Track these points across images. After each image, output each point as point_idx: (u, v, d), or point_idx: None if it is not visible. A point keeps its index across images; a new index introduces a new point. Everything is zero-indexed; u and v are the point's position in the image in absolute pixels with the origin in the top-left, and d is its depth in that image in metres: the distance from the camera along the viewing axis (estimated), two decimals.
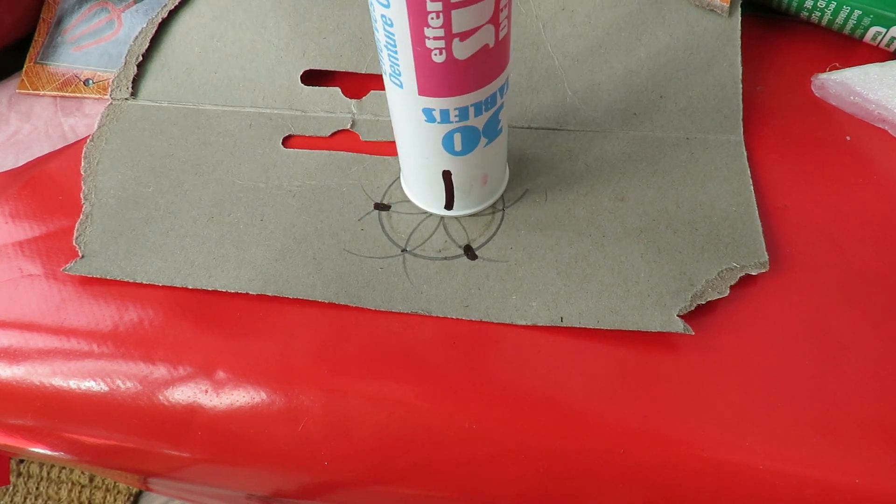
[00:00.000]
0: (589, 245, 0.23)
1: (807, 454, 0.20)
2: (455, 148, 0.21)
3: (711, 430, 0.21)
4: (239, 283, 0.23)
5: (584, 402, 0.21)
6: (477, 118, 0.20)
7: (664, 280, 0.22)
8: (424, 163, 0.22)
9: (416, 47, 0.17)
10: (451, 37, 0.17)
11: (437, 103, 0.19)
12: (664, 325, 0.21)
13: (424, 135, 0.20)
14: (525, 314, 0.22)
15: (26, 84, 0.28)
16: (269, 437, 0.22)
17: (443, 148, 0.21)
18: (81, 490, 0.81)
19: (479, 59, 0.18)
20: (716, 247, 0.23)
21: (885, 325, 0.22)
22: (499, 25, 0.18)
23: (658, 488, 0.21)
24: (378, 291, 0.23)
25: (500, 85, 0.20)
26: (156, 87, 0.28)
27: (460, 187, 0.23)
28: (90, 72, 0.29)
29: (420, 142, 0.21)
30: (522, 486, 0.21)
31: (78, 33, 0.30)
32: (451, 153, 0.21)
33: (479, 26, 0.17)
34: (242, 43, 0.28)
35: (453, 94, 0.19)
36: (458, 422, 0.21)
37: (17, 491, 0.81)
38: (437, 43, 0.17)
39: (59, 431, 0.23)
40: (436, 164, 0.22)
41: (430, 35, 0.17)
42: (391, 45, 0.18)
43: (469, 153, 0.21)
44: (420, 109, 0.19)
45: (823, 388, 0.21)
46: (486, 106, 0.20)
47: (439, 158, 0.21)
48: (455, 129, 0.20)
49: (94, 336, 0.23)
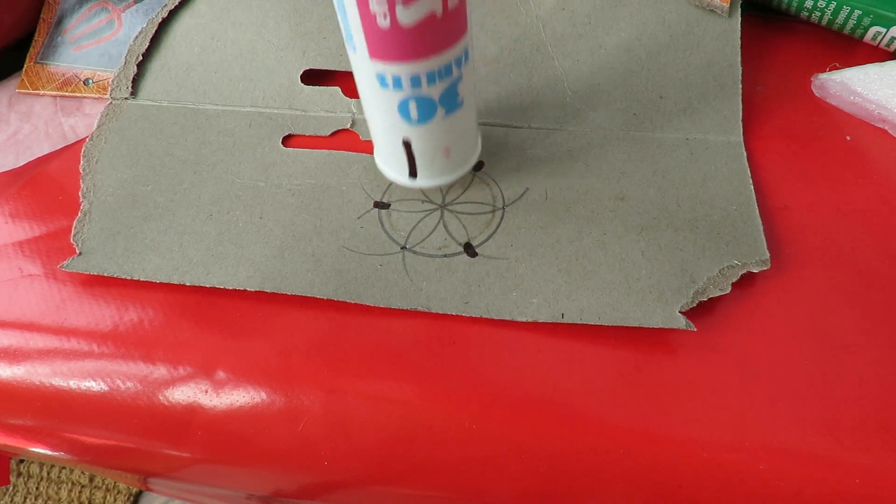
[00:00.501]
0: (590, 243, 0.23)
1: (807, 454, 0.20)
2: (412, 116, 0.21)
3: (711, 430, 0.21)
4: (237, 279, 0.23)
5: (584, 402, 0.21)
6: (431, 87, 0.20)
7: (665, 277, 0.22)
8: (386, 130, 0.22)
9: (361, 9, 0.18)
10: (393, 1, 0.17)
11: (387, 69, 0.20)
12: (666, 321, 0.21)
13: (382, 101, 0.21)
14: (526, 311, 0.22)
15: (26, 84, 0.28)
16: (269, 437, 0.22)
17: (399, 115, 0.21)
18: (81, 490, 0.81)
19: (427, 26, 0.19)
20: (717, 245, 0.23)
21: (885, 325, 0.22)
22: None
23: (658, 488, 0.21)
24: (377, 288, 0.23)
25: (457, 56, 0.20)
26: (156, 87, 0.28)
27: (422, 157, 0.23)
28: (90, 71, 0.29)
29: (380, 109, 0.21)
30: (522, 486, 0.21)
31: (78, 33, 0.30)
32: (408, 121, 0.21)
33: None
34: (242, 43, 0.28)
35: (403, 60, 0.19)
36: (458, 422, 0.21)
37: (17, 491, 0.81)
38: (380, 7, 0.18)
39: (59, 431, 0.23)
40: (396, 132, 0.22)
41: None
42: (341, 5, 0.18)
43: (426, 123, 0.21)
44: (374, 74, 0.20)
45: (823, 387, 0.21)
46: (439, 76, 0.20)
47: (398, 126, 0.22)
48: (409, 97, 0.20)
49: (94, 336, 0.23)
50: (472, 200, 0.24)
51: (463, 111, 0.22)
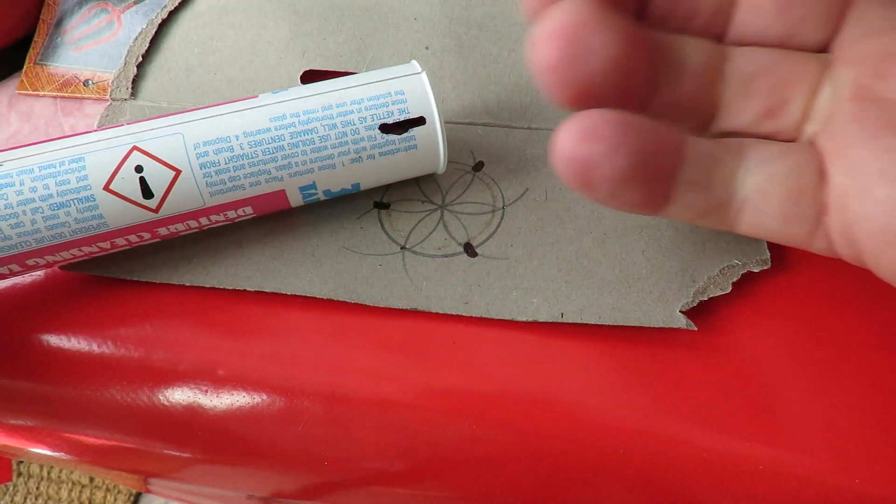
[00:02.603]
0: (590, 242, 0.23)
1: (807, 454, 0.20)
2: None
3: (711, 430, 0.21)
4: (237, 280, 0.23)
5: (584, 402, 0.21)
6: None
7: (666, 276, 0.22)
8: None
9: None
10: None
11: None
12: (667, 320, 0.21)
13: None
14: (526, 310, 0.22)
15: (26, 85, 0.28)
16: (269, 437, 0.22)
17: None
18: (81, 490, 0.81)
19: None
20: (717, 244, 0.23)
21: (885, 325, 0.22)
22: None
23: (658, 488, 0.21)
24: (377, 288, 0.23)
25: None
26: (155, 88, 0.28)
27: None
28: (90, 72, 0.29)
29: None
30: (522, 486, 0.21)
31: (78, 34, 0.30)
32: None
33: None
34: (242, 44, 0.28)
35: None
36: (457, 422, 0.21)
37: (18, 491, 0.81)
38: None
39: (59, 431, 0.23)
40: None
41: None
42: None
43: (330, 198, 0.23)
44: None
45: (823, 387, 0.21)
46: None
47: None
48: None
49: (93, 336, 0.23)
50: (472, 201, 0.24)
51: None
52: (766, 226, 0.19)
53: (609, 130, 0.17)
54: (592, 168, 0.17)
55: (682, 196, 0.19)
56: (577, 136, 0.17)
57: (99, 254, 0.22)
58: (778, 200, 0.18)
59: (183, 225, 0.22)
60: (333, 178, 0.22)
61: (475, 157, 0.25)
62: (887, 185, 0.16)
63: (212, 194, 0.21)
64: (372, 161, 0.22)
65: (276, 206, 0.23)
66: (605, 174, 0.17)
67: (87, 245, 0.21)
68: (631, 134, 0.17)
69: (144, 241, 0.22)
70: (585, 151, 0.17)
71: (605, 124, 0.17)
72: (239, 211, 0.22)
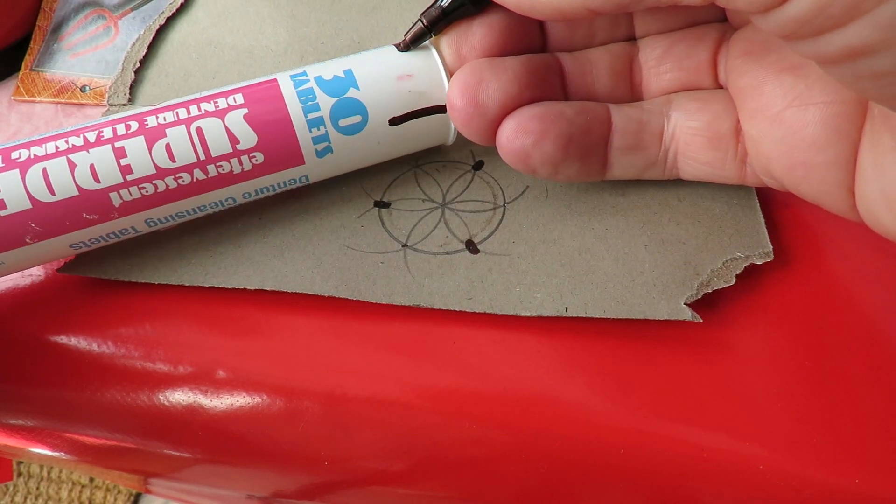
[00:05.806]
0: (592, 238, 0.23)
1: (807, 454, 0.20)
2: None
3: (712, 430, 0.21)
4: (237, 279, 0.23)
5: (584, 402, 0.21)
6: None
7: (669, 270, 0.22)
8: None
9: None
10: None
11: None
12: (671, 313, 0.21)
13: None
14: (529, 305, 0.22)
15: (22, 91, 0.28)
16: (269, 437, 0.22)
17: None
18: (82, 490, 0.81)
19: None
20: (719, 238, 0.23)
21: (885, 325, 0.22)
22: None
23: (658, 488, 0.21)
24: (379, 285, 0.23)
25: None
26: (153, 93, 0.28)
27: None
28: (87, 78, 0.29)
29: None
30: (522, 486, 0.21)
31: (74, 40, 0.30)
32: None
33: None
34: (240, 49, 0.28)
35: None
36: (458, 422, 0.21)
37: (18, 491, 0.81)
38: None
39: (59, 431, 0.23)
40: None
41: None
42: None
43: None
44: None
45: (823, 387, 0.21)
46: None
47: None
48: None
49: (93, 336, 0.23)
50: (473, 199, 0.24)
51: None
52: (701, 172, 0.22)
53: (535, 124, 0.20)
54: (528, 156, 0.20)
55: (619, 160, 0.22)
56: (511, 132, 0.20)
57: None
58: (702, 150, 0.21)
59: (172, 114, 0.21)
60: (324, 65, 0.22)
61: (475, 157, 0.25)
62: (783, 127, 0.19)
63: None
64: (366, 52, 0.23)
65: (268, 99, 0.21)
66: (540, 159, 0.20)
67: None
68: (553, 124, 0.20)
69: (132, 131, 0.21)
70: (519, 144, 0.20)
71: (531, 119, 0.20)
72: (229, 99, 0.21)
